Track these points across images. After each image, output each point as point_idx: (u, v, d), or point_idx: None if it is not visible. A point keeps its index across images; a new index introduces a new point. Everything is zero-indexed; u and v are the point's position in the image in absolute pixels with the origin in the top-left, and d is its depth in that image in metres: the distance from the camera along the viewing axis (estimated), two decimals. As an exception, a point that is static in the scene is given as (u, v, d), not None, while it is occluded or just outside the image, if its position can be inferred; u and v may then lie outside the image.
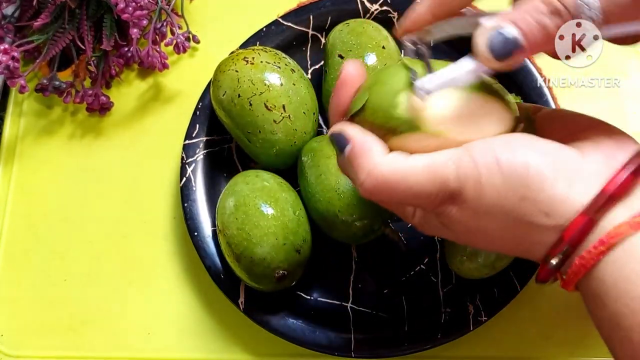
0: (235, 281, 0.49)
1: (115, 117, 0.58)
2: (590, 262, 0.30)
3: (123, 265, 0.54)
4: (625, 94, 0.54)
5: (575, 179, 0.30)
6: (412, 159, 0.32)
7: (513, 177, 0.30)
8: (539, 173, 0.30)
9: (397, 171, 0.32)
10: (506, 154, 0.31)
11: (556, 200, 0.30)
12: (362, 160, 0.33)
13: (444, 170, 0.31)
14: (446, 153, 0.32)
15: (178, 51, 0.57)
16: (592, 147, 0.32)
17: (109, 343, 0.52)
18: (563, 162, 0.31)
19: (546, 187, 0.30)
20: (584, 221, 0.30)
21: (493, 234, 0.33)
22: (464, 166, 0.31)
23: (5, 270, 0.54)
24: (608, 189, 0.30)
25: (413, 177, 0.32)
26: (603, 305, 0.30)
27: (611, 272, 0.29)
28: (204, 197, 0.52)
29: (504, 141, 0.31)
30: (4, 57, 0.51)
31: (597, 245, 0.30)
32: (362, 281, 0.50)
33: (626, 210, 0.30)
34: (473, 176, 0.31)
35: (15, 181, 0.57)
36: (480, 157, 0.31)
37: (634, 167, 0.30)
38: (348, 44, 0.50)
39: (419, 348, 0.46)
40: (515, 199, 0.31)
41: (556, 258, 0.31)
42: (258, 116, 0.48)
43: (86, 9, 0.55)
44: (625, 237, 0.29)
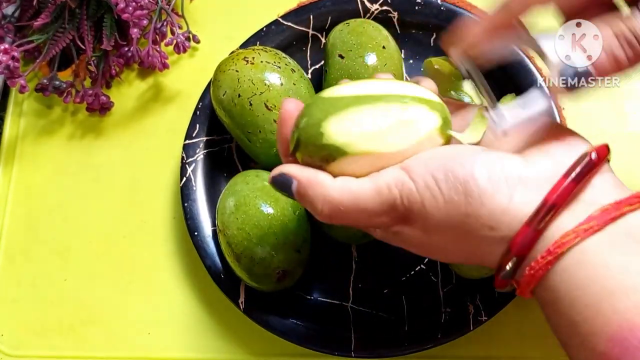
0: (235, 281, 0.49)
1: (116, 117, 0.58)
2: (540, 272, 0.30)
3: (123, 265, 0.54)
4: (625, 94, 0.54)
5: (517, 190, 0.30)
6: (360, 183, 0.33)
7: (452, 195, 0.31)
8: (476, 187, 0.30)
9: (349, 195, 0.33)
10: (443, 172, 0.31)
11: (497, 213, 0.30)
12: (314, 190, 0.33)
13: (390, 195, 0.32)
14: (388, 176, 0.32)
15: (178, 51, 0.57)
16: (541, 153, 0.32)
17: (109, 343, 0.52)
18: (502, 171, 0.31)
19: (486, 202, 0.30)
20: (528, 232, 0.30)
21: (446, 248, 0.33)
22: (406, 191, 0.32)
23: (6, 270, 0.54)
24: (550, 199, 0.30)
25: (364, 201, 0.32)
26: (558, 313, 0.30)
27: (562, 280, 0.29)
28: (204, 197, 0.52)
29: (439, 157, 0.32)
30: (4, 57, 0.51)
31: (545, 255, 0.30)
32: (362, 281, 0.50)
33: (573, 218, 0.30)
34: (416, 202, 0.31)
35: (16, 181, 0.57)
36: (420, 180, 0.31)
37: (576, 174, 0.30)
38: (348, 44, 0.50)
39: (419, 348, 0.47)
40: (459, 216, 0.31)
41: (507, 267, 0.31)
42: (258, 116, 0.48)
43: (86, 9, 0.55)
44: (572, 246, 0.29)
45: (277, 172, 0.35)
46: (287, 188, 0.34)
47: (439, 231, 0.32)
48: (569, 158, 0.31)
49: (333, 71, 0.50)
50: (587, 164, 0.30)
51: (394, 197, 0.32)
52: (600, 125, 0.53)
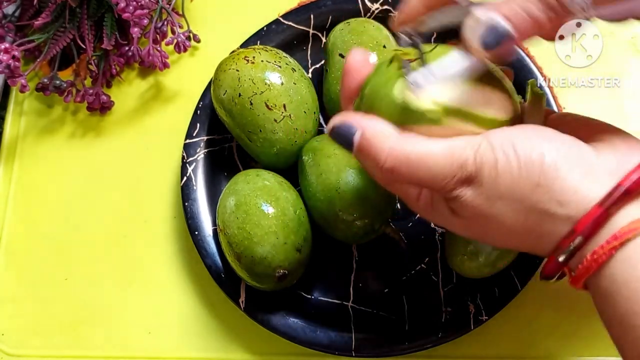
0: (235, 280, 0.49)
1: (116, 116, 0.58)
2: (603, 258, 0.29)
3: (123, 264, 0.54)
4: (625, 93, 0.54)
5: (590, 173, 0.31)
6: (431, 142, 0.32)
7: (529, 164, 0.31)
8: (554, 162, 0.30)
9: (417, 150, 0.32)
10: (523, 142, 0.31)
11: (570, 190, 0.30)
12: (379, 141, 0.32)
13: (463, 153, 0.32)
14: (464, 139, 0.32)
15: (179, 50, 0.57)
16: (607, 147, 0.32)
17: (109, 342, 0.52)
18: (578, 155, 0.31)
19: (561, 176, 0.30)
20: (598, 213, 0.30)
21: (504, 221, 0.32)
22: (482, 151, 0.31)
23: (6, 270, 0.54)
24: (624, 184, 0.30)
25: (432, 158, 0.32)
26: (614, 304, 0.30)
27: (623, 270, 0.29)
28: (205, 196, 0.52)
29: (521, 131, 0.32)
30: (5, 56, 0.52)
31: (610, 240, 0.29)
32: (362, 280, 0.50)
33: (639, 209, 0.30)
34: (490, 161, 0.31)
35: (16, 180, 0.57)
36: (498, 144, 0.31)
37: None
38: (349, 43, 0.50)
39: (419, 347, 0.47)
40: (530, 185, 0.31)
41: (566, 251, 0.31)
42: (259, 115, 0.48)
43: (87, 8, 0.55)
44: (638, 234, 0.29)
45: (338, 120, 0.33)
46: (347, 139, 0.33)
47: (503, 199, 0.31)
48: (634, 155, 0.31)
49: (334, 70, 0.50)
50: None
51: (466, 155, 0.31)
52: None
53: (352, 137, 0.33)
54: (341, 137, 0.33)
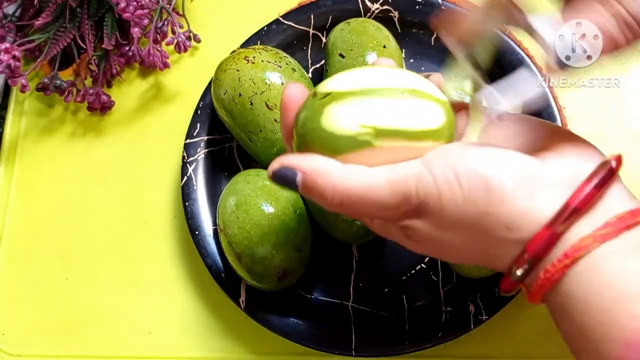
0: (236, 280, 0.49)
1: (116, 116, 0.58)
2: (555, 276, 0.30)
3: (124, 264, 0.54)
4: (625, 93, 0.54)
5: (538, 191, 0.30)
6: (373, 172, 0.31)
7: (473, 193, 0.30)
8: (499, 187, 0.30)
9: (361, 184, 0.31)
10: (465, 169, 0.30)
11: (518, 214, 0.30)
12: (322, 179, 0.31)
13: (404, 186, 0.31)
14: (405, 168, 0.31)
15: (179, 50, 0.57)
16: (556, 156, 0.31)
17: (109, 342, 0.52)
18: (524, 172, 0.30)
19: (507, 201, 0.30)
20: (547, 234, 0.29)
21: (456, 246, 0.32)
22: (424, 183, 0.31)
23: (7, 270, 0.54)
24: (572, 202, 0.29)
25: (375, 192, 0.31)
26: (571, 318, 0.30)
27: (577, 285, 0.29)
28: (205, 196, 0.52)
29: (462, 153, 0.31)
30: (5, 56, 0.52)
31: (562, 259, 0.29)
32: (362, 280, 0.50)
33: (590, 223, 0.29)
34: (433, 194, 0.31)
35: (17, 180, 0.57)
36: (439, 173, 0.30)
37: (598, 180, 0.30)
38: (349, 43, 0.50)
39: (419, 347, 0.47)
40: (477, 214, 0.30)
41: (520, 270, 0.31)
42: (259, 115, 0.48)
43: (87, 8, 0.55)
44: (589, 250, 0.29)
45: (277, 165, 0.32)
46: (290, 181, 0.32)
47: (453, 227, 0.31)
48: (584, 161, 0.31)
49: (334, 70, 0.50)
50: (608, 171, 0.30)
51: (408, 188, 0.31)
52: (600, 124, 0.53)
53: (294, 180, 0.32)
54: (284, 181, 0.32)
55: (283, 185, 0.32)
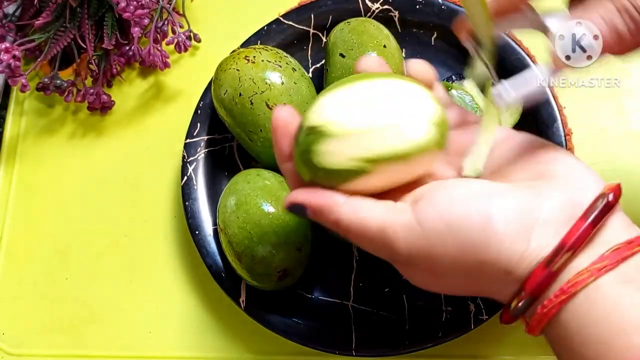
0: (236, 280, 0.49)
1: (117, 116, 0.58)
2: (552, 311, 0.30)
3: (124, 264, 0.54)
4: (625, 93, 0.54)
5: (534, 230, 0.30)
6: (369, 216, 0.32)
7: (468, 243, 0.30)
8: (495, 234, 0.30)
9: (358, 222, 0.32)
10: (459, 220, 0.30)
11: (515, 259, 0.30)
12: (327, 216, 0.33)
13: (394, 238, 0.32)
14: (396, 218, 0.32)
15: (179, 50, 0.57)
16: (552, 188, 0.31)
17: (110, 341, 0.52)
18: (519, 213, 0.30)
19: (504, 249, 0.30)
20: (543, 274, 0.30)
21: (453, 288, 0.33)
22: (414, 237, 0.31)
23: (7, 269, 0.55)
24: (567, 242, 0.29)
25: (370, 235, 0.32)
26: (569, 349, 0.30)
27: (574, 318, 0.29)
28: (205, 196, 0.52)
29: (453, 201, 0.31)
30: (6, 56, 0.52)
31: (558, 294, 0.29)
32: (363, 280, 0.50)
33: (586, 257, 0.30)
34: (424, 249, 0.31)
35: (17, 180, 0.57)
36: (431, 227, 0.31)
37: (594, 217, 0.30)
38: (349, 43, 0.50)
39: (420, 347, 0.47)
40: (474, 262, 0.31)
41: (519, 306, 0.31)
42: (259, 115, 0.48)
43: (87, 8, 0.55)
44: (586, 285, 0.29)
45: (288, 202, 0.34)
46: (302, 215, 0.34)
47: (447, 275, 0.32)
48: (580, 191, 0.31)
49: (334, 70, 0.50)
50: (604, 206, 0.30)
51: (397, 243, 0.31)
52: (600, 124, 0.53)
53: (305, 214, 0.34)
54: (297, 213, 0.35)
55: (298, 215, 0.35)
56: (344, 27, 0.52)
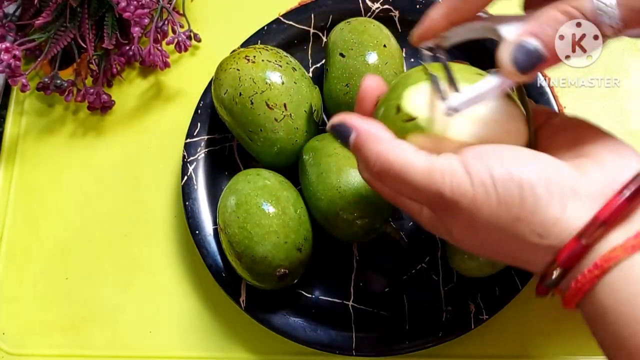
0: (236, 280, 0.49)
1: (117, 115, 0.58)
2: (586, 286, 0.30)
3: (124, 263, 0.54)
4: (625, 93, 0.54)
5: (571, 201, 0.30)
6: (417, 155, 0.32)
7: (507, 197, 0.30)
8: (533, 194, 0.30)
9: (403, 162, 0.32)
10: (501, 172, 0.31)
11: (550, 222, 0.30)
12: (371, 145, 0.33)
13: (440, 181, 0.32)
14: (445, 162, 0.32)
15: (179, 50, 0.57)
16: (593, 165, 0.31)
17: (110, 341, 0.52)
18: (558, 181, 0.30)
19: (539, 209, 0.30)
20: (576, 246, 0.30)
21: (489, 246, 0.33)
22: (459, 182, 0.31)
23: (7, 269, 0.55)
24: (601, 216, 0.29)
25: (414, 174, 0.32)
26: (603, 327, 0.30)
27: (608, 295, 0.29)
28: (205, 195, 0.52)
29: (499, 155, 0.31)
30: (6, 56, 0.52)
31: (592, 269, 0.29)
32: (363, 280, 0.50)
33: (622, 233, 0.30)
34: (467, 194, 0.31)
35: (17, 180, 0.57)
36: (476, 174, 0.31)
37: (630, 193, 0.30)
38: (349, 43, 0.50)
39: (420, 346, 0.47)
40: (510, 218, 0.31)
41: (552, 277, 0.31)
42: (259, 115, 0.48)
43: (87, 8, 0.55)
44: (619, 261, 0.29)
45: (337, 120, 0.34)
46: (344, 137, 0.34)
47: (484, 229, 0.32)
48: (621, 172, 0.31)
49: (334, 70, 0.50)
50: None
51: (444, 183, 0.31)
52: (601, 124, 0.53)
53: (349, 137, 0.34)
54: (339, 135, 0.35)
55: (339, 139, 0.35)
56: (344, 27, 0.52)
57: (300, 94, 0.49)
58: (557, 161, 0.32)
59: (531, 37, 0.31)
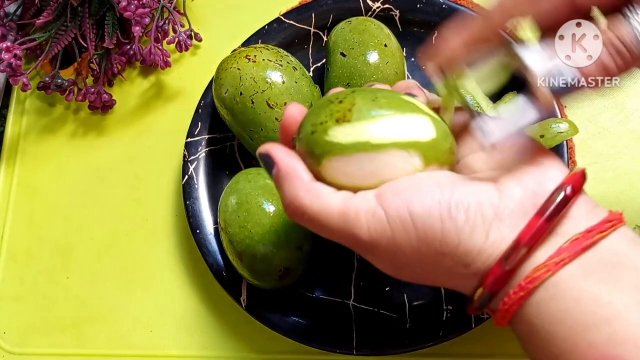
0: (237, 279, 0.49)
1: (117, 115, 0.58)
2: (513, 307, 0.30)
3: (125, 263, 0.54)
4: (627, 92, 0.53)
5: (494, 225, 0.30)
6: (331, 198, 0.32)
7: (427, 234, 0.30)
8: (454, 227, 0.29)
9: (318, 205, 0.32)
10: (420, 207, 0.30)
11: (474, 252, 0.30)
12: (287, 185, 0.32)
13: (356, 224, 0.31)
14: (360, 201, 0.31)
15: (180, 49, 0.57)
16: (512, 180, 0.31)
17: (110, 340, 0.52)
18: (479, 207, 0.30)
19: (463, 241, 0.30)
20: (499, 272, 0.29)
21: (416, 277, 0.33)
22: (375, 221, 0.31)
23: (8, 268, 0.55)
24: (522, 240, 0.29)
25: (329, 217, 0.31)
26: (536, 346, 0.30)
27: (537, 314, 0.29)
28: (206, 194, 0.52)
29: (416, 189, 0.31)
30: (7, 55, 0.52)
31: (517, 291, 0.29)
32: (363, 279, 0.50)
33: (545, 251, 0.29)
34: (386, 233, 0.30)
35: (18, 179, 0.57)
36: (394, 212, 0.30)
37: (549, 213, 0.29)
38: (350, 42, 0.50)
39: (420, 345, 0.47)
40: (433, 253, 0.30)
41: (480, 300, 0.31)
42: (260, 114, 0.48)
43: (88, 7, 0.55)
44: (543, 280, 0.29)
45: (263, 150, 0.34)
46: (267, 168, 0.34)
47: (409, 265, 0.31)
48: (541, 185, 0.30)
49: (335, 69, 0.50)
50: (561, 200, 0.29)
51: (359, 227, 0.31)
52: (602, 123, 0.53)
53: (271, 170, 0.33)
54: (265, 165, 0.34)
55: (264, 167, 0.34)
56: (344, 26, 0.52)
57: (301, 94, 0.49)
58: (477, 185, 0.31)
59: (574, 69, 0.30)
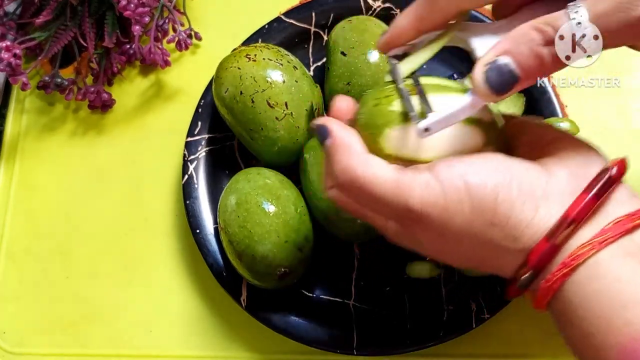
0: (237, 279, 0.49)
1: (117, 114, 0.58)
2: (555, 285, 0.30)
3: (125, 262, 0.54)
4: (626, 93, 0.53)
5: (541, 202, 0.30)
6: (385, 169, 0.32)
7: (481, 203, 0.30)
8: (507, 199, 0.30)
9: (370, 175, 0.32)
10: (475, 179, 0.31)
11: (522, 225, 0.30)
12: (340, 156, 0.33)
13: (408, 193, 0.31)
14: (415, 175, 0.32)
15: (180, 48, 0.57)
16: (558, 164, 0.32)
17: (110, 340, 0.52)
18: (530, 184, 0.31)
19: (514, 213, 0.30)
20: (546, 246, 0.30)
21: (460, 254, 0.33)
22: (429, 192, 0.31)
23: (7, 268, 0.54)
24: (570, 214, 0.30)
25: (381, 186, 0.32)
26: (571, 325, 0.30)
27: (576, 292, 0.30)
28: (206, 194, 0.52)
29: (471, 163, 0.31)
30: (6, 54, 0.51)
31: (560, 268, 0.30)
32: (364, 279, 0.50)
33: (590, 230, 0.30)
34: (439, 203, 0.31)
35: (18, 178, 0.57)
36: (448, 182, 0.31)
37: (597, 190, 0.30)
38: (350, 41, 0.50)
39: (421, 345, 0.46)
40: (484, 224, 0.31)
41: (524, 279, 0.31)
42: (260, 113, 0.48)
43: (88, 6, 0.55)
44: (586, 258, 0.29)
45: (320, 122, 0.34)
46: (322, 140, 0.34)
47: (456, 237, 0.32)
48: (586, 168, 0.31)
49: (335, 68, 0.50)
50: (607, 179, 0.30)
51: (411, 196, 0.31)
52: (604, 122, 0.53)
53: (325, 141, 0.34)
54: (319, 136, 0.34)
55: (318, 138, 0.35)
56: (345, 25, 0.51)
57: (301, 93, 0.49)
58: (526, 164, 0.32)
59: (505, 55, 0.30)
